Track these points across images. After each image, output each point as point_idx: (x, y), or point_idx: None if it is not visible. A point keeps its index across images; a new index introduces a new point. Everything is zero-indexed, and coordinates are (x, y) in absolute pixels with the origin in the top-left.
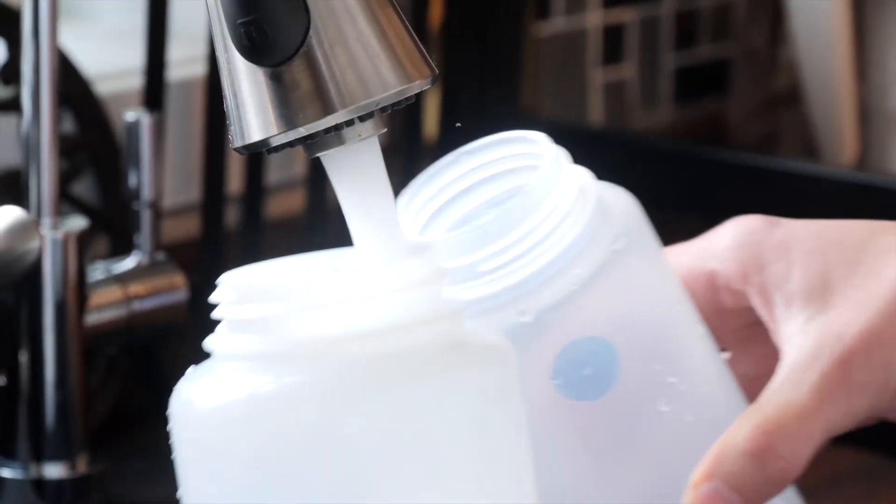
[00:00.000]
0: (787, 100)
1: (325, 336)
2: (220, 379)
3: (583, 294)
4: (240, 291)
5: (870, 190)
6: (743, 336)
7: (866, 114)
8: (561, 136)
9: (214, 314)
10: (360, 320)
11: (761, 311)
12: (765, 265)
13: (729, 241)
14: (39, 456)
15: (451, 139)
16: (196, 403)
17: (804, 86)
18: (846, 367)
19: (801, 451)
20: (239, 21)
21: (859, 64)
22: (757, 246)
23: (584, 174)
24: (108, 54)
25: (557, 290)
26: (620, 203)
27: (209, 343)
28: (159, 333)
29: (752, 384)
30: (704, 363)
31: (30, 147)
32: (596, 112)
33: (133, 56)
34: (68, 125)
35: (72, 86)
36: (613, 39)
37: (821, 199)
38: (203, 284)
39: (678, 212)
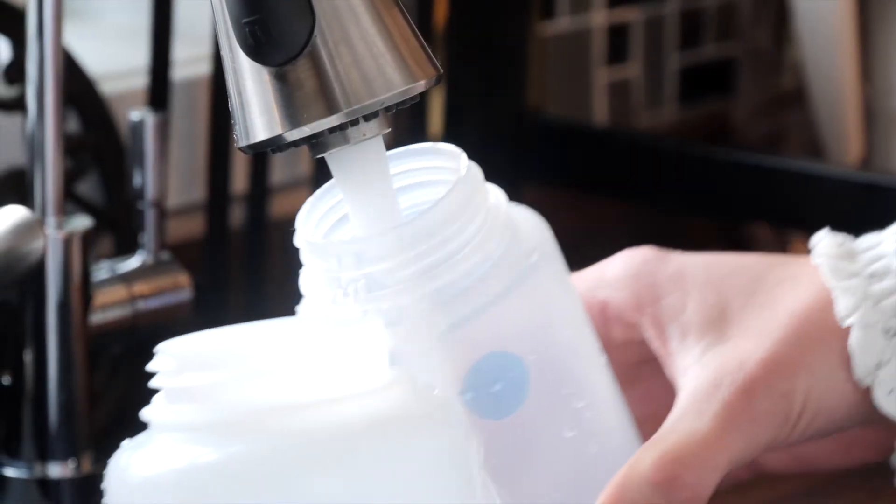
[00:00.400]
0: (791, 100)
1: (263, 406)
2: (156, 449)
3: (496, 307)
4: (178, 360)
5: (874, 190)
6: (631, 375)
7: (871, 114)
8: (565, 135)
9: (152, 384)
10: (299, 390)
11: (655, 343)
12: (659, 296)
13: (622, 271)
14: (44, 455)
15: (456, 139)
16: (131, 471)
17: (809, 86)
18: (748, 395)
19: (706, 480)
20: (244, 20)
21: (864, 64)
22: (651, 276)
23: (497, 191)
24: (112, 54)
25: (471, 302)
26: (532, 221)
27: (146, 414)
28: (164, 333)
29: (639, 425)
30: (609, 392)
31: (34, 146)
32: (600, 111)
33: (138, 55)
34: (73, 125)
35: (76, 85)
36: (618, 39)
37: (826, 199)
38: (208, 284)
39: (682, 212)
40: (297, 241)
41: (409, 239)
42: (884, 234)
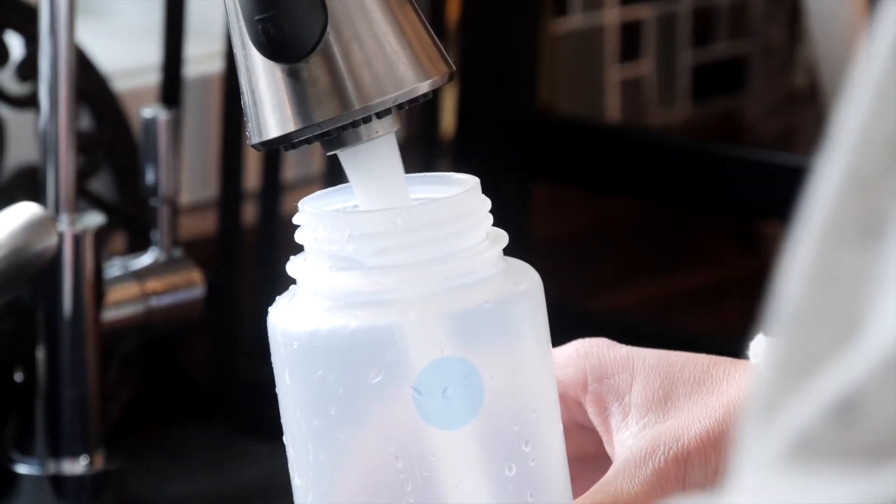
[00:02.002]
0: (804, 97)
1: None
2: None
3: (472, 316)
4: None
5: None
6: (574, 470)
7: None
8: (577, 132)
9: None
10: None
11: (595, 419)
12: (606, 375)
13: (571, 351)
14: (56, 452)
15: (468, 136)
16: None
17: (821, 83)
18: (682, 465)
19: None
20: (257, 18)
21: None
22: (599, 358)
23: (502, 232)
24: (125, 51)
25: (450, 304)
26: (529, 269)
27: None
28: (176, 330)
29: None
30: (558, 456)
31: (47, 143)
32: (613, 109)
33: (150, 52)
34: (85, 122)
35: (89, 82)
36: (631, 36)
37: None
38: (220, 281)
39: (694, 209)
40: (305, 214)
41: (413, 223)
42: None
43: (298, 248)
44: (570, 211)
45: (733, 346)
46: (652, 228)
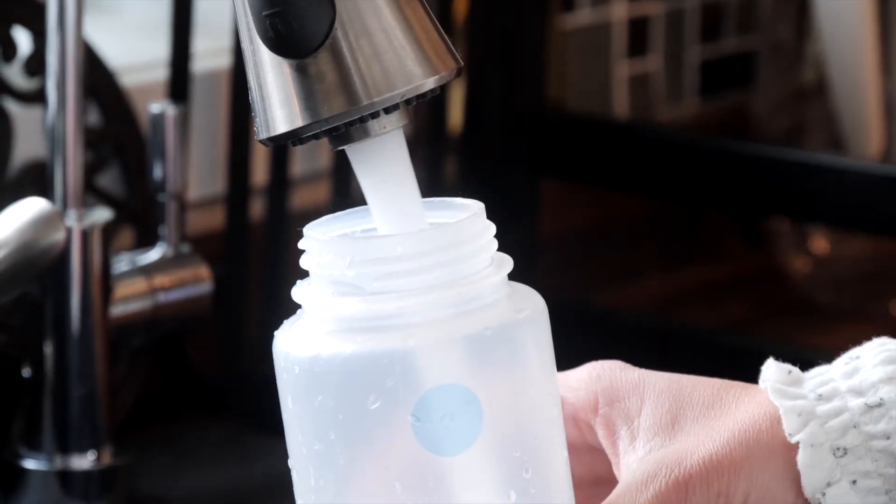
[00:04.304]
0: (812, 93)
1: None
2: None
3: (473, 342)
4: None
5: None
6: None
7: (892, 107)
8: (585, 128)
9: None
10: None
11: (605, 441)
12: (617, 399)
13: (584, 374)
14: (64, 448)
15: (475, 132)
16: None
17: (830, 79)
18: (683, 488)
19: None
20: (265, 13)
21: (885, 57)
22: (611, 381)
23: (507, 258)
24: (133, 46)
25: (452, 329)
26: (533, 293)
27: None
28: (184, 325)
29: None
30: (560, 480)
31: (55, 139)
32: (621, 105)
33: (158, 48)
34: (93, 117)
35: (97, 77)
36: (638, 32)
37: (846, 192)
38: (228, 276)
39: (702, 205)
40: (309, 239)
41: (415, 249)
42: (832, 365)
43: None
44: (577, 207)
45: (740, 342)
46: (659, 224)
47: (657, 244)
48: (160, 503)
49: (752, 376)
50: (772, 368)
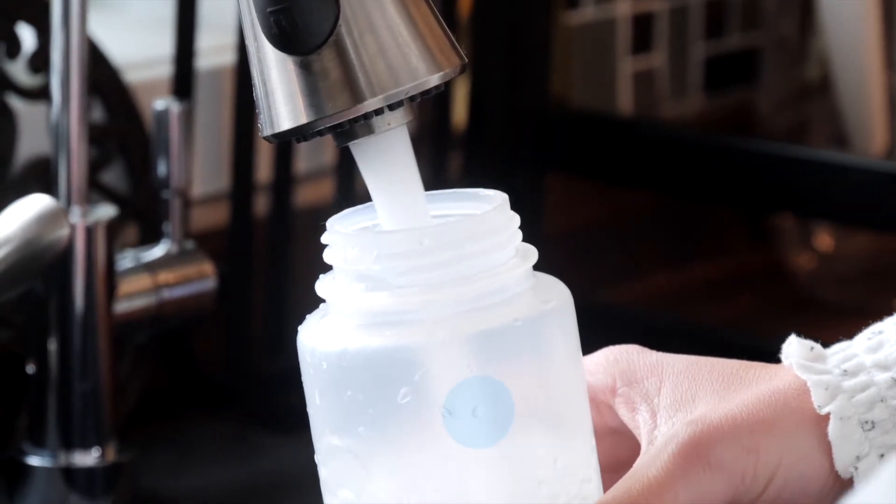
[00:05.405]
0: (816, 90)
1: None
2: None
3: (502, 335)
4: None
5: None
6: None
7: None
8: (590, 125)
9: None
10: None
11: (626, 417)
12: (635, 380)
13: (601, 358)
14: (68, 444)
15: (480, 128)
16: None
17: (834, 76)
18: (702, 445)
19: None
20: (269, 10)
21: (889, 54)
22: (628, 364)
23: (532, 248)
24: (137, 43)
25: (480, 323)
26: (558, 283)
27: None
28: (188, 322)
29: None
30: (590, 468)
31: (59, 135)
32: (625, 101)
33: (162, 44)
34: (97, 113)
35: (101, 74)
36: (643, 28)
37: (850, 189)
38: (232, 273)
39: (706, 202)
40: (333, 234)
41: (432, 242)
42: (853, 340)
43: (309, 241)
44: (582, 203)
45: (746, 338)
46: (665, 221)
47: (662, 240)
48: (164, 500)
49: None
50: (794, 345)
